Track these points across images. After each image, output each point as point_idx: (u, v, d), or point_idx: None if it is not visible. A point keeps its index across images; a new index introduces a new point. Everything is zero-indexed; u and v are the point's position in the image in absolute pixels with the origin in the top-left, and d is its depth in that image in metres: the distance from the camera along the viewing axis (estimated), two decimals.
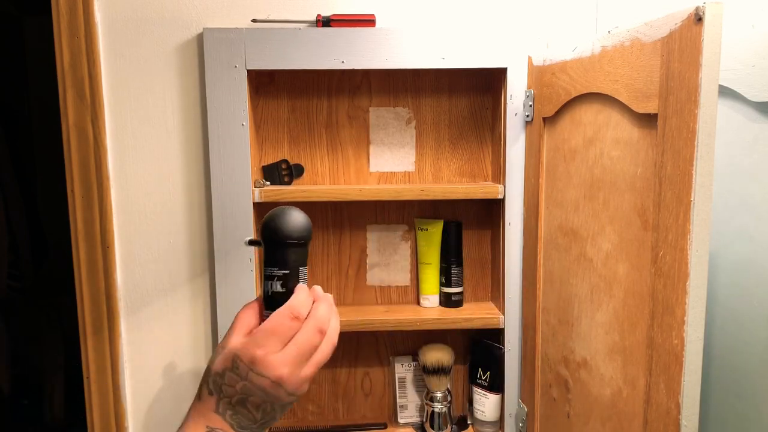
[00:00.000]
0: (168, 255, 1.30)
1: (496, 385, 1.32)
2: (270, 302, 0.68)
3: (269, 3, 1.24)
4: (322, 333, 0.66)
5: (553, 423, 1.14)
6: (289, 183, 1.32)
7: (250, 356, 0.62)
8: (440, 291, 1.35)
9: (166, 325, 1.32)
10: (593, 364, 0.97)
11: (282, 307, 0.65)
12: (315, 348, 0.65)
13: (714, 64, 0.70)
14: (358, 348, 1.41)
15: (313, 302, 0.68)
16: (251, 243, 0.76)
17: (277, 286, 0.68)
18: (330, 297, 0.70)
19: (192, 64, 1.25)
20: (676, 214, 0.75)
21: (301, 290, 0.68)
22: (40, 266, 2.45)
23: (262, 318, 0.67)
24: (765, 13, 0.94)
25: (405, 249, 1.38)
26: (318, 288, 0.71)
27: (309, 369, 0.65)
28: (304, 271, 0.70)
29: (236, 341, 0.64)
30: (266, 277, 0.69)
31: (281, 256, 0.68)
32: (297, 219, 0.69)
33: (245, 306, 0.70)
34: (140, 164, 1.27)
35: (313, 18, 1.23)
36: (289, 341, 0.64)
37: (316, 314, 0.66)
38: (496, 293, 1.34)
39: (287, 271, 0.68)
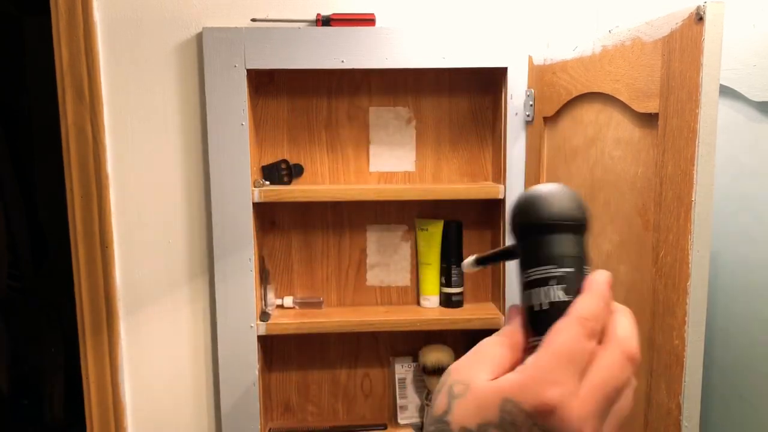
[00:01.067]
0: (167, 255, 1.30)
1: None
2: (543, 320, 0.44)
3: (269, 2, 1.24)
4: (633, 363, 0.40)
5: None
6: (288, 183, 1.31)
7: (537, 401, 0.38)
8: (440, 291, 1.35)
9: (165, 325, 1.31)
10: None
11: (568, 316, 0.41)
12: (620, 390, 0.40)
13: (715, 63, 0.69)
14: (358, 348, 1.41)
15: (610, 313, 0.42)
16: (498, 257, 0.50)
17: (558, 293, 0.43)
18: (628, 310, 0.43)
19: (191, 64, 1.25)
20: (677, 214, 0.74)
21: (592, 292, 0.42)
22: (40, 266, 2.45)
23: (528, 350, 0.43)
24: (766, 13, 0.93)
25: (405, 249, 1.38)
26: (606, 287, 0.43)
27: (611, 427, 0.40)
28: (588, 269, 0.46)
29: (498, 380, 0.39)
30: (531, 284, 0.45)
31: (559, 247, 0.45)
32: (566, 193, 0.46)
33: (495, 336, 0.44)
34: (139, 164, 1.27)
35: (313, 17, 1.23)
36: (585, 373, 0.39)
37: (620, 333, 0.41)
38: (496, 293, 1.34)
39: (570, 269, 0.44)
